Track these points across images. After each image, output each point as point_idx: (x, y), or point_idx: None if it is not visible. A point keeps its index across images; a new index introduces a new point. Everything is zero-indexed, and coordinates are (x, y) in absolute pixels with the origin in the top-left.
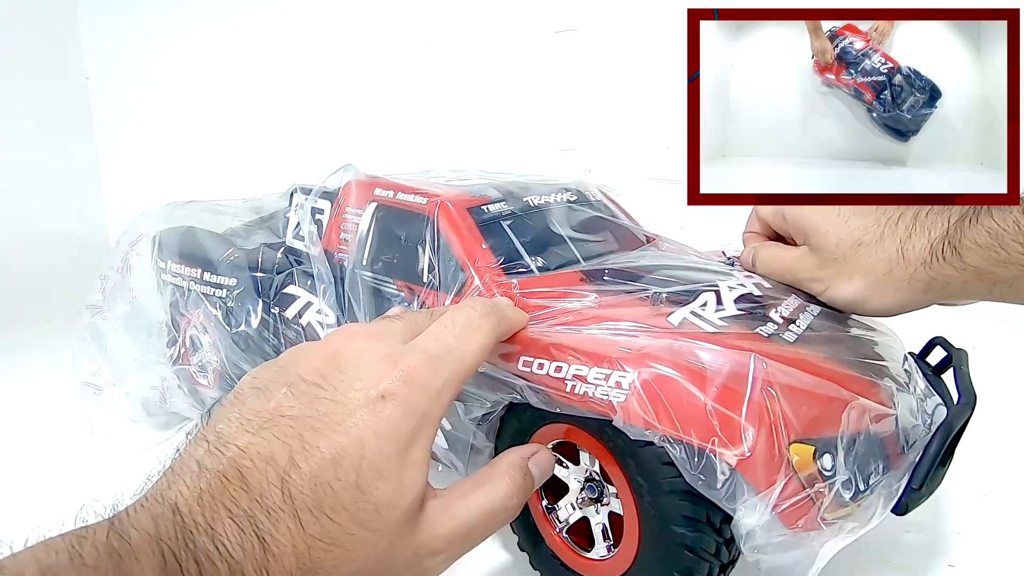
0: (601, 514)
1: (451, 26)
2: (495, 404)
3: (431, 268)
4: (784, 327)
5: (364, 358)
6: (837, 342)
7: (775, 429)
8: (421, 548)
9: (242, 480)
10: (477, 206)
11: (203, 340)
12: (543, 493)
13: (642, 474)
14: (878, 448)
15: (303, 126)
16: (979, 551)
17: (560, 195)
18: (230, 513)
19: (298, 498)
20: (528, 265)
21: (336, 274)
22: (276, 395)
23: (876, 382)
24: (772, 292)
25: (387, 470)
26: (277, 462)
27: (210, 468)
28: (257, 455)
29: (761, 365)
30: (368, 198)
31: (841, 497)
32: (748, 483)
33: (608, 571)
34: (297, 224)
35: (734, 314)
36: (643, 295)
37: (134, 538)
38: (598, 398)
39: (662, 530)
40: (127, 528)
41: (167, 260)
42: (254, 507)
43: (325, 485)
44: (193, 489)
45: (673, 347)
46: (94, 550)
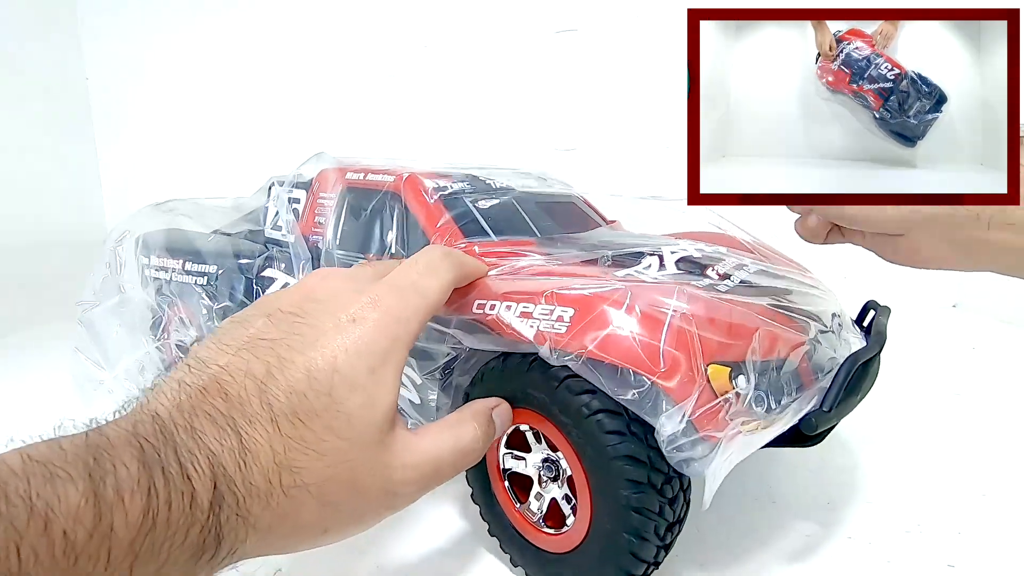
0: (563, 488)
1: (451, 26)
2: (443, 356)
3: (400, 241)
4: (719, 281)
5: (338, 291)
6: (767, 293)
7: (692, 351)
8: (392, 470)
9: (221, 391)
10: (441, 184)
11: (187, 333)
12: (514, 495)
13: (587, 444)
14: (792, 375)
15: (302, 126)
16: (979, 551)
17: (522, 180)
18: (209, 416)
19: (275, 405)
20: (488, 233)
21: (313, 255)
22: (255, 324)
23: (796, 320)
24: (713, 254)
25: (358, 384)
26: (255, 375)
27: (191, 384)
28: (236, 370)
29: (683, 295)
30: (340, 182)
31: (753, 411)
32: (668, 396)
33: (569, 539)
34: (276, 214)
35: (673, 272)
36: (591, 257)
37: (112, 435)
38: (540, 332)
39: (610, 494)
40: (106, 430)
41: (150, 256)
42: (233, 411)
43: (300, 395)
44: (173, 400)
45: (612, 288)
46: (72, 443)
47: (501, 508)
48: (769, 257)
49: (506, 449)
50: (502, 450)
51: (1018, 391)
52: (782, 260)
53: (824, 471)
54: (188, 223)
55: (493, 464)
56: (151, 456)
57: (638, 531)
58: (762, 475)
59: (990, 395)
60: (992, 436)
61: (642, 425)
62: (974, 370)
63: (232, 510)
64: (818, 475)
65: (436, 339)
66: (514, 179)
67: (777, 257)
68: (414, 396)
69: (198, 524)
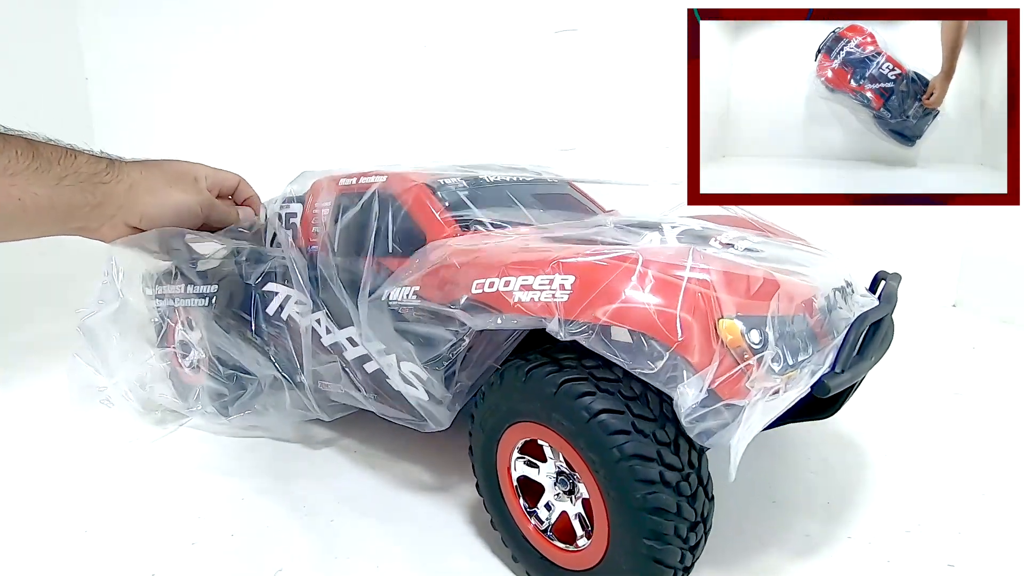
0: (576, 505)
1: (451, 26)
2: (444, 343)
3: (394, 237)
4: (723, 248)
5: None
6: (774, 259)
7: (709, 312)
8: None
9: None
10: (434, 179)
11: (191, 337)
12: (522, 497)
13: (593, 449)
14: (807, 332)
15: (302, 126)
16: (979, 551)
17: (517, 175)
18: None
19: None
20: (483, 222)
21: (310, 264)
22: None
23: (809, 282)
24: (714, 228)
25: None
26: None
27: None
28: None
29: (699, 256)
30: (333, 190)
31: (771, 369)
32: (688, 365)
33: (589, 556)
34: (273, 234)
35: (675, 243)
36: (591, 236)
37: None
38: (541, 302)
39: (622, 498)
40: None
41: (153, 287)
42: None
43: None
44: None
45: (622, 253)
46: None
47: (507, 508)
48: (775, 233)
49: (519, 455)
50: (515, 456)
51: (1018, 391)
52: (788, 235)
53: (824, 471)
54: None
55: (504, 469)
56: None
57: (658, 533)
58: (762, 475)
59: (990, 395)
60: (992, 436)
61: (648, 421)
62: (974, 370)
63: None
64: (818, 475)
65: (435, 322)
66: (507, 173)
67: (783, 233)
68: (421, 393)
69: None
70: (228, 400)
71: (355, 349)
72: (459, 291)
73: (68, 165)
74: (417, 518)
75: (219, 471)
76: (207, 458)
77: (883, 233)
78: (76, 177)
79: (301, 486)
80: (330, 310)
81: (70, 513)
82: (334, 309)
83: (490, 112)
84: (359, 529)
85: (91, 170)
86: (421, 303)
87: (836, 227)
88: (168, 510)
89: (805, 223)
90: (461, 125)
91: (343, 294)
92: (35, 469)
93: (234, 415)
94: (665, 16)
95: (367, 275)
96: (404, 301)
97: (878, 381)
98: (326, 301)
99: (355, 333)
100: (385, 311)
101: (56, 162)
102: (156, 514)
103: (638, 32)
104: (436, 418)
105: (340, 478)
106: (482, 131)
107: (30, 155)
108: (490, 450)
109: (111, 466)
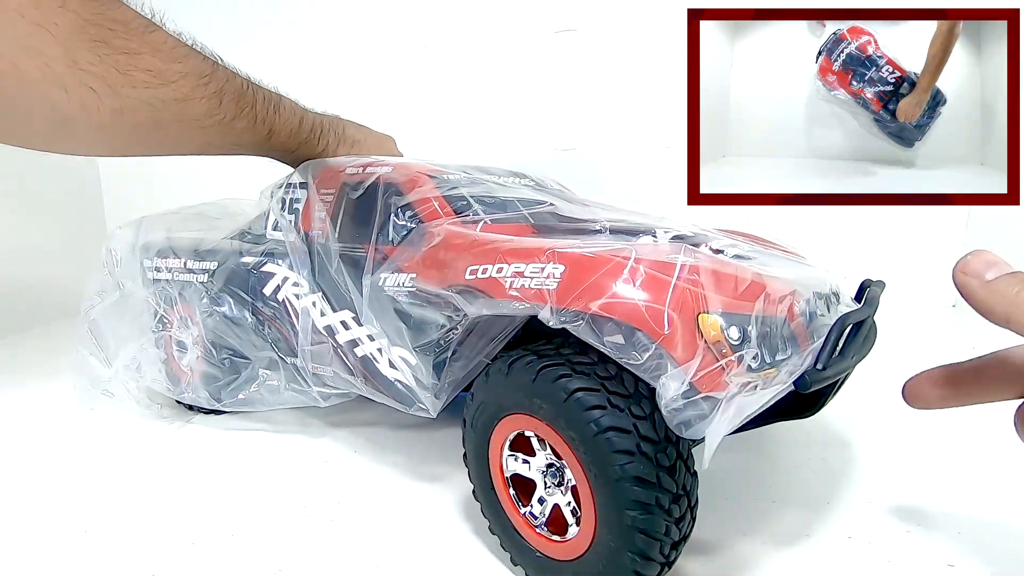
0: (567, 495)
1: (451, 26)
2: (437, 328)
3: (395, 226)
4: (714, 253)
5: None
6: (762, 264)
7: (695, 308)
8: None
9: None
10: (436, 173)
11: (188, 333)
12: (516, 495)
13: (572, 426)
14: (788, 333)
15: None
16: (979, 551)
17: (515, 179)
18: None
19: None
20: (481, 215)
21: (311, 249)
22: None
23: (792, 286)
24: (705, 233)
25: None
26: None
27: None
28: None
29: (690, 253)
30: (339, 178)
31: (748, 366)
32: (672, 358)
33: (572, 547)
34: (275, 219)
35: (667, 245)
36: (586, 229)
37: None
38: (534, 289)
39: (603, 472)
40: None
41: (153, 258)
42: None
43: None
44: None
45: (616, 247)
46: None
47: (503, 508)
48: (764, 244)
49: (510, 452)
50: (506, 452)
51: None
52: (778, 247)
53: (824, 471)
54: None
55: (496, 466)
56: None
57: (642, 551)
58: (762, 475)
59: None
60: (992, 436)
61: (623, 397)
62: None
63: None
64: (818, 475)
65: (429, 306)
66: (506, 176)
67: (773, 244)
68: (408, 378)
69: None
70: (221, 384)
71: (347, 332)
72: (453, 276)
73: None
74: (417, 518)
75: (219, 471)
76: (207, 458)
77: (883, 233)
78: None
79: (301, 486)
80: (326, 293)
81: (70, 513)
82: (331, 292)
83: (490, 112)
84: (359, 529)
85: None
86: (416, 287)
87: (836, 227)
88: (168, 510)
89: (805, 223)
90: (461, 125)
91: (343, 277)
92: (35, 469)
93: (227, 399)
94: (665, 16)
95: (369, 261)
96: (400, 287)
97: (878, 381)
98: (323, 284)
99: (349, 316)
100: (383, 295)
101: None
102: (156, 514)
103: (638, 32)
104: (424, 404)
105: (340, 478)
106: (482, 131)
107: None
108: (483, 449)
109: (111, 466)
